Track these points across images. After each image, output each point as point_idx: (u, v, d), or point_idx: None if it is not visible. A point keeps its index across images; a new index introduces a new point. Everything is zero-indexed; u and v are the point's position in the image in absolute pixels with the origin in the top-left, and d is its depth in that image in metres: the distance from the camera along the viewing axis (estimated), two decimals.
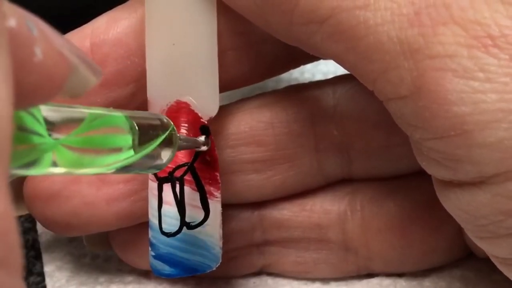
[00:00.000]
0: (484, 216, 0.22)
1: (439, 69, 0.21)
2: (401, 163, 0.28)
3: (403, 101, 0.22)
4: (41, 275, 0.30)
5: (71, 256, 0.31)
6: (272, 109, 0.27)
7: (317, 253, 0.29)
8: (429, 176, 0.24)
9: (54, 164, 0.18)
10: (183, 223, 0.25)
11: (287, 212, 0.29)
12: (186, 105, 0.26)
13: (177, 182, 0.25)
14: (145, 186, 0.27)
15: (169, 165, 0.25)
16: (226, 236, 0.28)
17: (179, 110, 0.26)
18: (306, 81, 0.31)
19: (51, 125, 0.18)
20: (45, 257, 0.31)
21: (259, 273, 0.30)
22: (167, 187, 0.25)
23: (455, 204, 0.23)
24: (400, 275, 0.29)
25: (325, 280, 0.30)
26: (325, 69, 0.36)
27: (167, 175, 0.25)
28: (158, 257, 0.26)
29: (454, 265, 0.29)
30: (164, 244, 0.26)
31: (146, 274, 0.31)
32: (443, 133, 0.21)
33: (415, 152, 0.24)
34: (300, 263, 0.29)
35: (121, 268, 0.31)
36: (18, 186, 0.27)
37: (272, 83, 0.35)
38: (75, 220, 0.27)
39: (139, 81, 0.26)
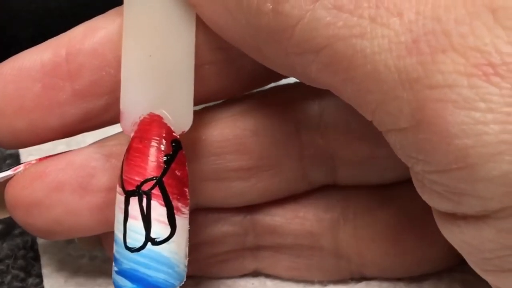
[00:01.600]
0: (489, 251, 0.21)
1: (439, 100, 0.20)
2: (386, 174, 0.28)
3: (402, 133, 0.21)
4: (40, 276, 0.30)
5: (69, 257, 0.31)
6: (256, 116, 0.27)
7: (310, 259, 0.29)
8: None
9: None
10: (148, 238, 0.24)
11: (280, 219, 0.29)
12: (159, 118, 0.25)
13: (144, 196, 0.24)
14: None
15: (137, 179, 0.24)
16: (218, 239, 0.29)
17: (151, 123, 0.25)
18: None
19: None
20: (43, 259, 0.31)
21: (257, 274, 0.30)
22: (133, 201, 0.25)
23: (459, 237, 0.22)
24: (399, 278, 0.29)
25: (323, 282, 0.30)
26: None
27: (134, 188, 0.25)
28: (120, 272, 0.25)
29: (454, 268, 0.29)
30: (128, 260, 0.25)
31: None
32: (446, 166, 0.21)
33: (415, 183, 0.23)
34: (293, 268, 0.29)
35: None
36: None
37: None
38: (58, 227, 0.27)
39: (114, 92, 0.26)
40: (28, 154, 0.34)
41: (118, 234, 0.25)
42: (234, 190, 0.28)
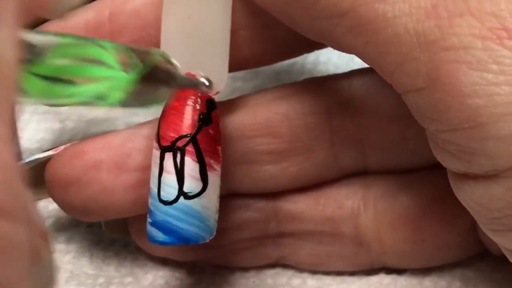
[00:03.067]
0: (498, 209, 0.22)
1: (454, 61, 0.21)
2: (416, 157, 0.28)
3: (419, 94, 0.22)
4: None
5: (70, 256, 0.31)
6: (288, 101, 0.28)
7: (330, 247, 0.29)
8: (442, 171, 0.25)
9: (25, 93, 0.18)
10: (181, 192, 0.26)
11: (301, 205, 0.29)
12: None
13: (178, 152, 0.26)
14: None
15: (172, 135, 0.25)
16: (242, 225, 0.29)
17: None
18: (320, 73, 0.32)
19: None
20: None
21: (258, 272, 0.30)
22: (168, 156, 0.26)
23: (469, 197, 0.23)
24: (400, 273, 0.29)
25: (321, 279, 0.30)
26: (338, 61, 0.36)
27: (168, 144, 0.26)
28: (154, 224, 0.26)
29: (455, 264, 0.29)
30: (161, 212, 0.26)
31: (145, 272, 0.31)
32: (458, 126, 0.22)
33: (431, 144, 0.24)
34: (314, 255, 0.29)
35: (120, 270, 0.31)
36: (39, 171, 0.28)
37: (285, 75, 0.35)
38: (94, 205, 0.27)
39: None
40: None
41: (153, 187, 0.26)
42: (265, 174, 0.28)
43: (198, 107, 0.26)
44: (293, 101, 0.28)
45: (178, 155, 0.26)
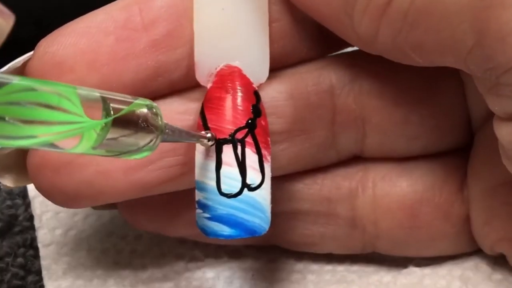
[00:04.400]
0: None
1: (490, 7, 0.22)
2: (415, 144, 0.28)
3: (472, 52, 0.23)
4: (39, 274, 0.30)
5: (68, 248, 0.31)
6: (292, 80, 0.27)
7: (324, 227, 0.29)
8: (442, 159, 0.25)
9: None
10: (245, 184, 0.25)
11: (298, 184, 0.29)
12: (238, 70, 0.26)
13: (239, 143, 0.25)
14: (162, 156, 0.26)
15: (229, 127, 0.25)
16: None
17: (231, 74, 0.26)
18: None
19: None
20: (42, 250, 0.30)
21: (258, 265, 0.30)
22: (227, 149, 0.25)
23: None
24: (399, 272, 0.29)
25: (321, 274, 0.30)
26: None
27: (227, 136, 0.25)
28: (215, 218, 0.26)
29: (454, 264, 0.29)
30: (224, 205, 0.25)
31: (143, 266, 0.31)
32: (507, 66, 0.22)
33: (489, 98, 0.24)
34: (307, 235, 0.29)
35: (118, 261, 0.31)
36: (19, 156, 0.27)
37: None
38: (87, 190, 0.26)
39: (186, 45, 0.26)
40: None
41: (208, 181, 0.26)
42: None
43: (249, 98, 0.26)
44: (296, 80, 0.27)
45: (239, 147, 0.25)
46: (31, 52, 0.25)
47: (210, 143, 0.25)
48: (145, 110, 0.22)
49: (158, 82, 0.26)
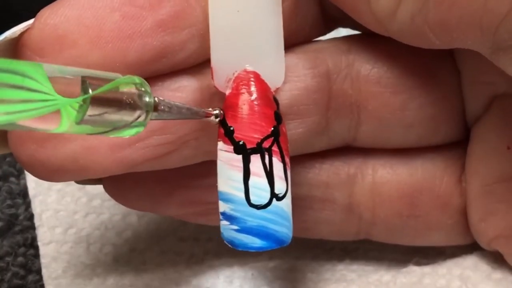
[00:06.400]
0: None
1: None
2: (411, 132, 0.28)
3: (508, 17, 0.22)
4: (40, 273, 0.30)
5: (68, 247, 0.31)
6: (288, 63, 0.26)
7: (320, 213, 0.29)
8: (441, 150, 0.26)
9: None
10: (273, 194, 0.25)
11: (296, 166, 0.28)
12: (256, 75, 0.25)
13: (266, 153, 0.25)
14: (151, 134, 0.25)
15: (256, 136, 0.25)
16: None
17: (250, 79, 0.25)
18: None
19: None
20: (42, 249, 0.30)
21: (258, 264, 0.30)
22: (255, 159, 0.25)
23: None
24: (399, 271, 0.29)
25: (321, 273, 0.30)
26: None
27: (254, 146, 0.25)
28: (245, 230, 0.25)
29: (454, 263, 0.29)
30: (254, 217, 0.25)
31: (143, 263, 0.31)
32: None
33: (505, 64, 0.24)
34: (301, 220, 0.29)
35: (118, 259, 0.31)
36: None
37: None
38: (71, 165, 0.25)
39: (192, 27, 0.25)
40: None
41: (235, 192, 0.25)
42: None
43: (271, 104, 0.25)
44: (293, 63, 0.27)
45: (266, 157, 0.25)
46: (29, 22, 0.24)
47: (217, 120, 0.25)
48: (130, 86, 0.21)
49: (162, 63, 0.25)
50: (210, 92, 0.25)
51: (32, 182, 0.33)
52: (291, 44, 0.26)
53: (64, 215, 0.32)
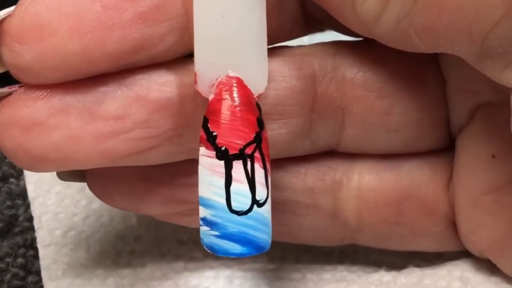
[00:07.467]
0: None
1: None
2: (396, 138, 0.28)
3: (500, 24, 0.22)
4: (39, 274, 0.30)
5: (67, 249, 0.31)
6: (273, 62, 0.26)
7: (303, 218, 0.29)
8: (428, 157, 0.26)
9: None
10: (254, 201, 0.25)
11: (281, 171, 0.28)
12: (239, 80, 0.25)
13: (248, 159, 0.24)
14: (135, 126, 0.25)
15: (239, 142, 0.24)
16: None
17: (233, 85, 0.25)
18: None
19: None
20: (41, 251, 0.30)
21: (257, 266, 0.30)
22: (237, 165, 0.24)
23: None
24: (400, 271, 0.29)
25: (320, 273, 0.30)
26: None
27: (236, 152, 0.24)
28: (225, 236, 0.25)
29: (454, 264, 0.29)
30: (235, 223, 0.25)
31: (142, 266, 0.31)
32: None
33: (504, 71, 0.23)
34: (284, 225, 0.29)
35: (118, 261, 0.31)
36: None
37: None
38: (55, 154, 0.25)
39: (173, 20, 0.25)
40: None
41: (217, 198, 0.25)
42: None
43: (254, 110, 0.25)
44: (279, 63, 0.26)
45: (248, 163, 0.25)
46: (10, 9, 0.24)
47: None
48: None
49: (140, 55, 0.25)
50: (196, 89, 0.25)
51: (31, 184, 0.33)
52: (271, 42, 0.26)
53: (64, 217, 0.32)
